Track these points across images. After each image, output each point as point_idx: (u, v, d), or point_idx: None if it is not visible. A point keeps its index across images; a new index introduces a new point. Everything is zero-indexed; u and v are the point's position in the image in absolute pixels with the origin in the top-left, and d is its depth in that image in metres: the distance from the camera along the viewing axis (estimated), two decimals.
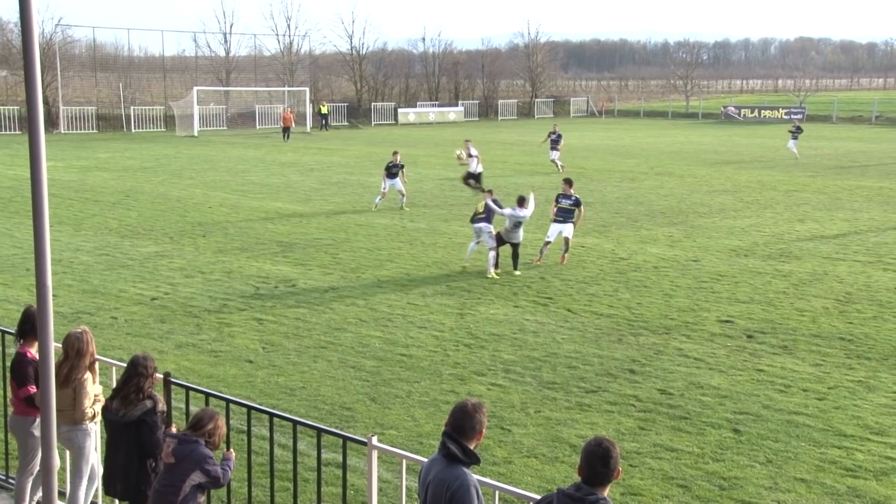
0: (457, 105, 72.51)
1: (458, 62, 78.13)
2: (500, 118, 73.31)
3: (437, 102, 72.72)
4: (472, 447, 4.76)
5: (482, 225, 16.58)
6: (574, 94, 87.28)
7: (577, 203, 17.41)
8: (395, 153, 25.46)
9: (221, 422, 5.82)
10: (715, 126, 67.27)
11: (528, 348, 11.85)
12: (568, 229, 17.28)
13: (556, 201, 17.78)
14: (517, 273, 16.29)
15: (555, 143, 33.87)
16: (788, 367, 11.16)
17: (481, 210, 16.71)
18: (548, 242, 17.34)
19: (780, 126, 65.82)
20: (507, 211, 16.37)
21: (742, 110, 74.91)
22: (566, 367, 11.10)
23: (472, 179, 27.29)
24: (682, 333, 12.64)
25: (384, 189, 24.34)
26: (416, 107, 70.10)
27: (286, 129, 49.85)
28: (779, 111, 73.21)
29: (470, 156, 27.22)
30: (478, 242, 16.83)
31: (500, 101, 75.75)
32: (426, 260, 17.53)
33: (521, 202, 16.51)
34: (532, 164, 36.35)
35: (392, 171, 24.58)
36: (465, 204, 25.22)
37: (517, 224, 16.40)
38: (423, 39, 79.16)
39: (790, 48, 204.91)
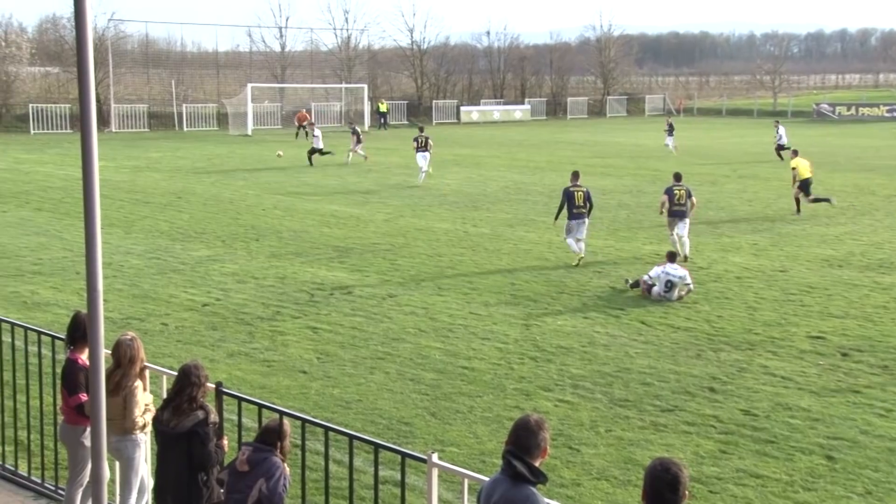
0: (523, 103, 72.40)
1: (524, 57, 78.01)
2: (569, 117, 72.99)
3: (502, 100, 72.71)
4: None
5: (586, 221, 17.59)
6: (649, 92, 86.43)
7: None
8: (420, 128, 32.20)
9: (286, 427, 5.97)
10: (806, 125, 65.90)
11: (599, 363, 11.76)
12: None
13: (668, 194, 18.59)
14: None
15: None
16: (889, 390, 10.85)
17: (581, 203, 17.40)
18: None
19: (881, 125, 64.13)
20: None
21: (837, 108, 73.22)
22: (640, 383, 10.98)
23: (318, 153, 35.75)
24: (767, 350, 12.40)
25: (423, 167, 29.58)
26: (479, 105, 70.18)
27: (301, 127, 50.50)
28: (880, 108, 71.32)
29: (314, 135, 36.58)
30: (577, 239, 17.57)
31: (570, 99, 75.41)
32: (490, 267, 17.53)
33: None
34: (603, 167, 36.10)
35: (421, 143, 30.23)
36: (531, 208, 25.16)
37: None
38: (488, 33, 79.33)
39: (893, 39, 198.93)
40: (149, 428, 6.86)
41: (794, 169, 24.73)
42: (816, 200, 24.63)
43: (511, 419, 9.53)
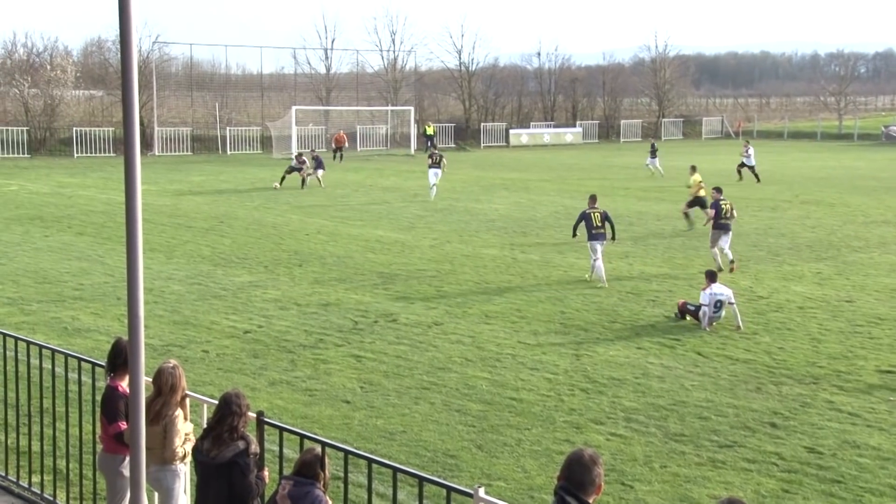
0: (574, 126, 72.33)
1: (576, 79, 77.96)
2: (622, 140, 72.72)
3: (552, 123, 72.72)
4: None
5: (605, 241, 18.76)
6: (706, 114, 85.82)
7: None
8: (434, 145, 36.15)
9: (326, 459, 5.97)
10: (873, 149, 64.89)
11: (653, 395, 11.64)
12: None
13: (715, 208, 20.37)
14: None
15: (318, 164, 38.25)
16: None
17: (599, 223, 18.66)
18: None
19: None
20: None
21: None
22: (696, 417, 10.84)
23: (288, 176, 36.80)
24: (832, 384, 12.16)
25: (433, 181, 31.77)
26: (529, 127, 70.28)
27: (338, 150, 51.28)
28: None
29: (303, 162, 37.32)
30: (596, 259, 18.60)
31: (623, 122, 75.15)
32: (539, 295, 17.47)
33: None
34: (658, 190, 35.85)
35: (435, 160, 33.00)
36: (582, 234, 25.08)
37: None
38: (539, 54, 79.44)
39: None
40: (189, 458, 6.91)
41: (700, 183, 25.88)
42: (686, 216, 25.84)
43: (561, 453, 9.48)
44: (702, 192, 25.36)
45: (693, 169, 27.17)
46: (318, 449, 6.04)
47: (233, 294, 17.34)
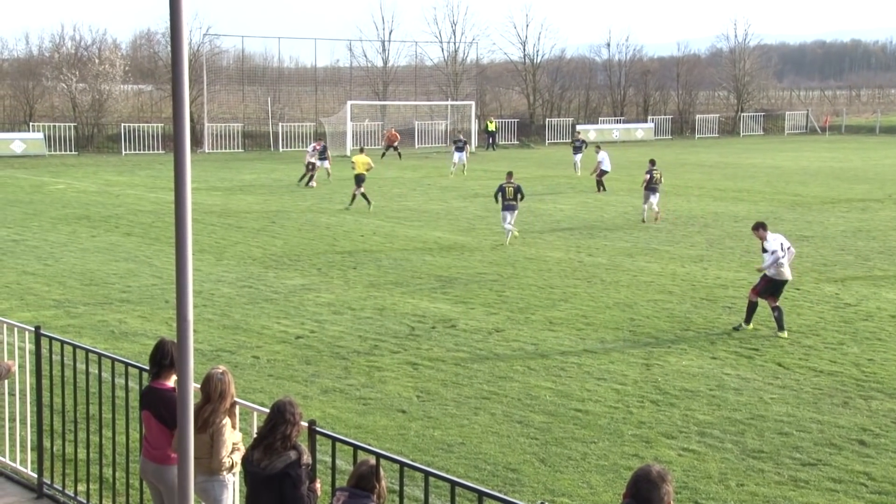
0: (646, 121, 71.77)
1: (648, 71, 77.37)
2: (697, 136, 71.94)
3: (622, 118, 72.24)
4: None
5: (515, 211, 23.37)
6: (790, 108, 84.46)
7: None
8: (459, 130, 39.37)
9: (381, 472, 6.03)
10: None
11: (729, 408, 11.51)
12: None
13: (649, 174, 26.97)
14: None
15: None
16: None
17: (511, 196, 23.13)
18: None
19: None
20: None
21: None
22: (776, 432, 10.70)
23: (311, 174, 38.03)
24: None
25: (455, 161, 36.26)
26: (597, 123, 69.90)
27: (391, 147, 52.01)
28: None
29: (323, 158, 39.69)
30: (509, 223, 23.19)
31: (698, 116, 74.34)
32: (606, 300, 17.38)
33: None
34: (735, 191, 35.41)
35: (459, 144, 39.49)
36: (653, 236, 24.87)
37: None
38: (608, 45, 78.97)
39: None
40: (237, 468, 6.99)
41: (353, 162, 30.92)
42: (364, 195, 29.78)
43: (629, 468, 9.42)
44: (363, 171, 30.00)
45: (361, 150, 33.78)
46: (373, 460, 6.09)
47: (284, 297, 17.55)
